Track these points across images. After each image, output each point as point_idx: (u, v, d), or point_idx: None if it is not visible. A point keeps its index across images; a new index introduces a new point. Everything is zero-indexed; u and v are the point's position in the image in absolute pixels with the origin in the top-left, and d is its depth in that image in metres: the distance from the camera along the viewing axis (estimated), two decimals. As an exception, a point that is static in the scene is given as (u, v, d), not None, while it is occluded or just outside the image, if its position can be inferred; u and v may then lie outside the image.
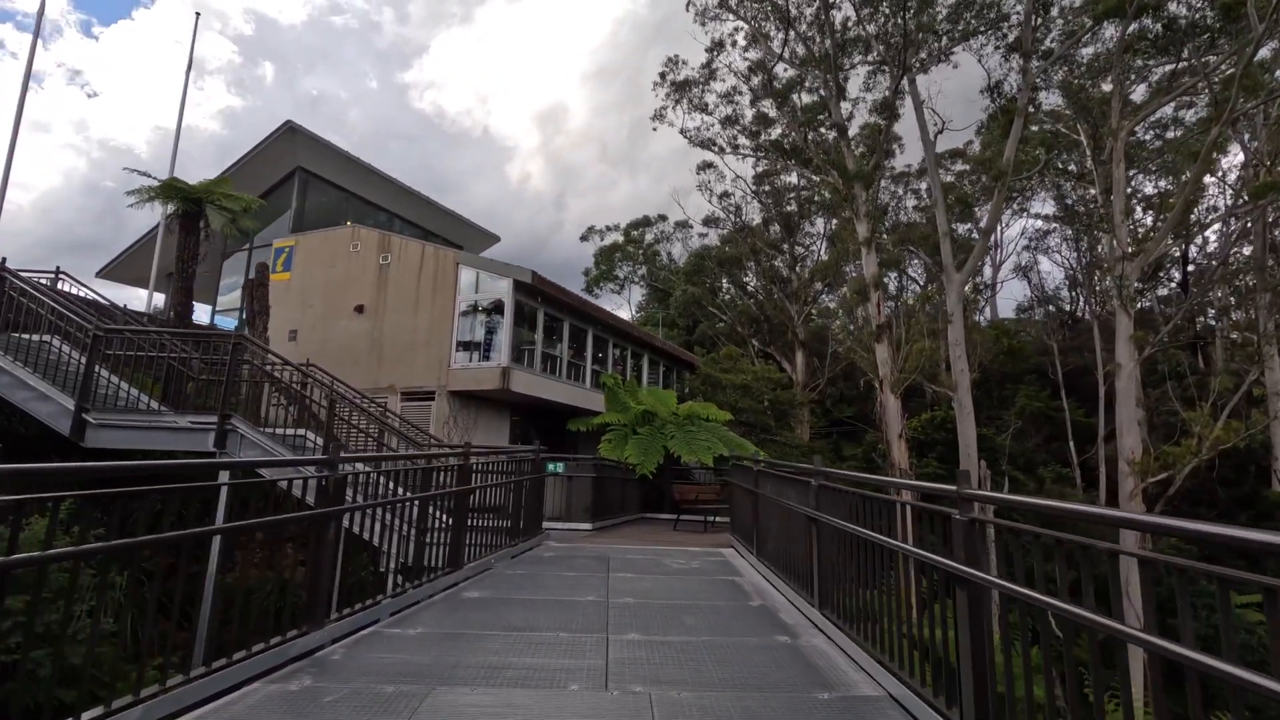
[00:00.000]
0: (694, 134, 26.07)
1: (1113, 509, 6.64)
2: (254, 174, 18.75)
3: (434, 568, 5.81)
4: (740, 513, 8.69)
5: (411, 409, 15.33)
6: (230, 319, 19.54)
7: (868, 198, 21.61)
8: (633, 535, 11.08)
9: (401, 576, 5.62)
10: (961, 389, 21.15)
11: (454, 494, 6.13)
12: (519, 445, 13.76)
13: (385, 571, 5.60)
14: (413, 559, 5.60)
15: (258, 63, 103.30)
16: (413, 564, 5.57)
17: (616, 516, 13.14)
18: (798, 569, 5.75)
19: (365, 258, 16.87)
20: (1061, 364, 32.88)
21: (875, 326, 20.73)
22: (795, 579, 5.80)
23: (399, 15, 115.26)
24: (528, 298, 15.64)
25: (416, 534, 5.65)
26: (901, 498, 4.26)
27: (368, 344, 16.25)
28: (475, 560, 6.52)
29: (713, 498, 13.09)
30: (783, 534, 6.40)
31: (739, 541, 8.60)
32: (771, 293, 35.95)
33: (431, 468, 5.98)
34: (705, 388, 20.37)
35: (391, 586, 5.23)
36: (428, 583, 5.57)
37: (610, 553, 8.26)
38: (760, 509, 7.35)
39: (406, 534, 5.68)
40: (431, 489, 5.86)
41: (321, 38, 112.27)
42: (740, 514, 8.69)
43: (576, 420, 17.07)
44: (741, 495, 8.47)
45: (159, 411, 8.66)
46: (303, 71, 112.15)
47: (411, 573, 5.55)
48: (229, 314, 19.61)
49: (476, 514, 6.68)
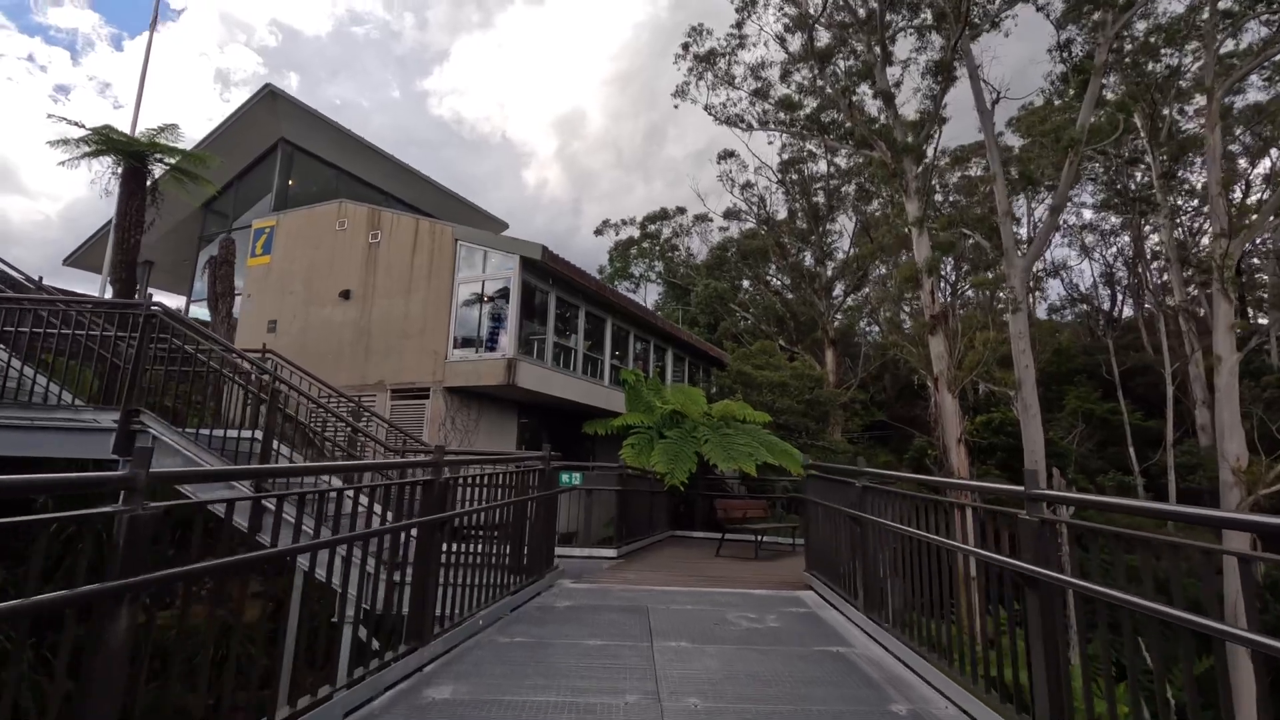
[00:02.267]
0: (719, 110, 23.84)
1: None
2: (232, 146, 16.75)
3: (378, 650, 3.60)
4: (825, 542, 6.40)
5: (403, 409, 13.19)
6: (200, 307, 17.50)
7: (919, 173, 19.27)
8: (668, 564, 8.82)
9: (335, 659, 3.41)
10: (1026, 386, 18.73)
11: (414, 528, 3.92)
12: (525, 451, 11.54)
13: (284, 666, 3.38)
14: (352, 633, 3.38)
15: (283, 73, 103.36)
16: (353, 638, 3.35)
17: (644, 537, 10.89)
18: (963, 649, 3.50)
19: (353, 237, 14.79)
20: (1121, 363, 30.24)
21: (929, 317, 18.35)
22: (950, 661, 3.54)
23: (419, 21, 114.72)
24: (538, 279, 13.46)
25: (356, 594, 3.46)
26: None
27: (354, 334, 14.13)
28: (453, 624, 4.30)
29: (761, 515, 10.81)
30: (920, 583, 4.14)
31: (823, 581, 6.31)
32: (800, 287, 33.60)
33: (375, 487, 3.76)
34: (737, 386, 18.08)
35: (287, 692, 3.01)
36: (369, 674, 3.36)
37: (647, 599, 6.01)
38: (867, 542, 5.07)
39: (341, 592, 3.48)
40: (371, 522, 3.64)
41: (344, 48, 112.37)
42: (825, 544, 6.40)
43: (594, 422, 14.85)
44: (828, 519, 6.18)
45: (54, 405, 6.53)
46: (325, 80, 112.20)
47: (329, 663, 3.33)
48: (206, 304, 17.57)
49: (459, 551, 4.47)
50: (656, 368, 18.17)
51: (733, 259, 36.13)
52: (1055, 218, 18.45)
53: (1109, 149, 26.12)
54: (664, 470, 12.33)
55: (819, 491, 6.48)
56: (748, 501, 10.74)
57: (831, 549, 6.14)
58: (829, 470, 6.35)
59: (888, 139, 18.85)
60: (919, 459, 21.48)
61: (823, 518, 6.35)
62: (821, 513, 6.36)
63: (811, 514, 6.68)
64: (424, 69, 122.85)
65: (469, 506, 4.59)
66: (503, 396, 13.70)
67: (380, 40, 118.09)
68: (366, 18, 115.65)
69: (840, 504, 5.75)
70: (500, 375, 12.29)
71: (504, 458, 6.36)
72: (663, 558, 9.56)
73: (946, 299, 35.47)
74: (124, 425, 6.30)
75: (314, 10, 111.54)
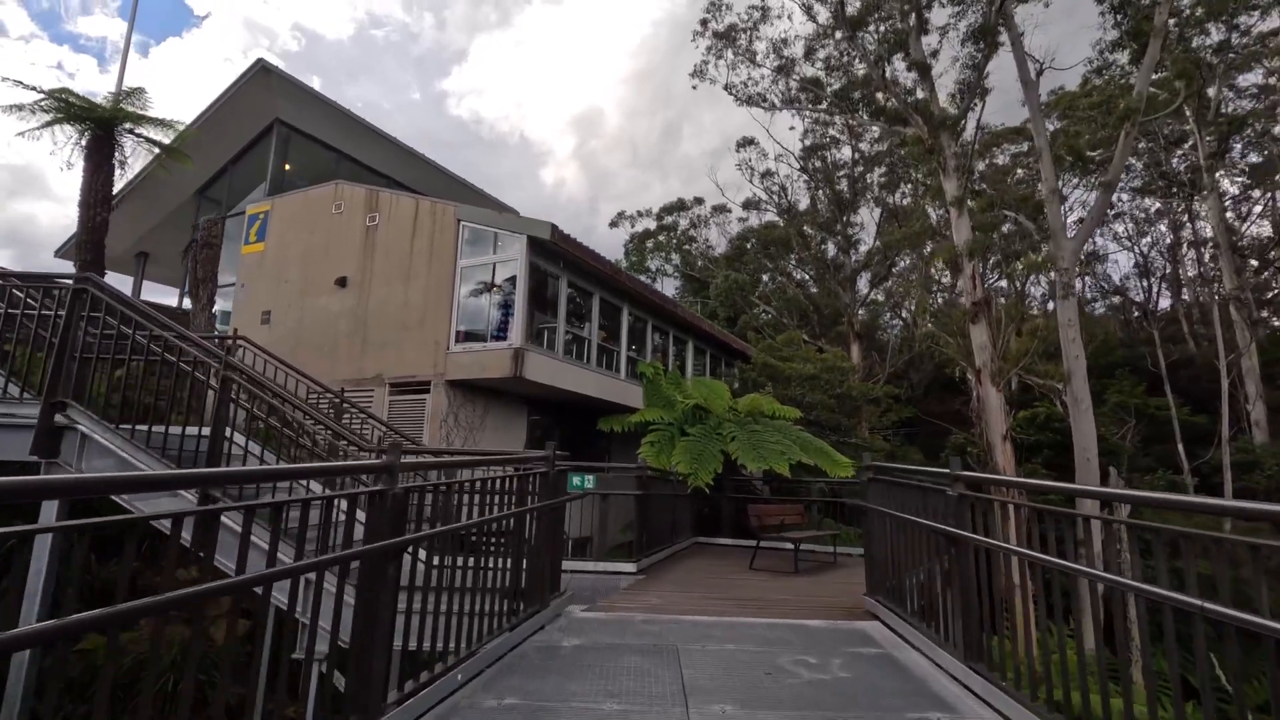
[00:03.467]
0: (739, 89, 22.57)
1: None
2: (225, 127, 15.80)
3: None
4: (895, 563, 5.18)
5: (402, 405, 12.14)
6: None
7: (957, 149, 17.89)
8: (697, 581, 7.64)
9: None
10: (1076, 378, 17.31)
11: (354, 561, 2.78)
12: (527, 450, 10.39)
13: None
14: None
15: (306, 77, 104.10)
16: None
17: (667, 546, 9.71)
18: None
19: (350, 220, 13.75)
20: (1167, 355, 28.51)
21: (970, 304, 16.97)
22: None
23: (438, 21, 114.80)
24: (547, 262, 12.32)
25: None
26: None
27: (351, 325, 13.10)
28: (420, 687, 3.16)
29: (798, 521, 9.58)
30: (1053, 624, 2.93)
31: (893, 610, 5.10)
32: (824, 278, 32.19)
33: (280, 506, 2.61)
34: (763, 380, 16.84)
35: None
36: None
37: (676, 635, 4.84)
38: (969, 569, 3.86)
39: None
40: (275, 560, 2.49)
41: (364, 50, 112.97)
42: (895, 565, 5.18)
43: (609, 419, 13.70)
44: (901, 534, 4.96)
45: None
46: (346, 83, 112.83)
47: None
48: (197, 295, 16.66)
49: (429, 582, 3.35)
50: (676, 362, 16.97)
51: (753, 250, 34.77)
52: (1108, 195, 16.98)
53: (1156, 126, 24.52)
54: (687, 471, 11.16)
55: (887, 498, 5.26)
56: (784, 506, 9.52)
57: (904, 572, 4.93)
58: (903, 473, 5.13)
59: (924, 112, 17.49)
60: (957, 458, 20.08)
61: (892, 532, 5.14)
62: (891, 526, 5.14)
63: (875, 526, 5.46)
64: (443, 69, 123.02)
65: (443, 525, 3.45)
66: (510, 391, 12.60)
67: (400, 42, 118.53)
68: (386, 20, 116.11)
69: (922, 515, 4.53)
70: (506, 367, 11.17)
71: (496, 458, 5.21)
72: (689, 572, 8.38)
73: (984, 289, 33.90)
74: (45, 420, 5.24)
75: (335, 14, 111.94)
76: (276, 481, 4.89)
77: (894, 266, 32.92)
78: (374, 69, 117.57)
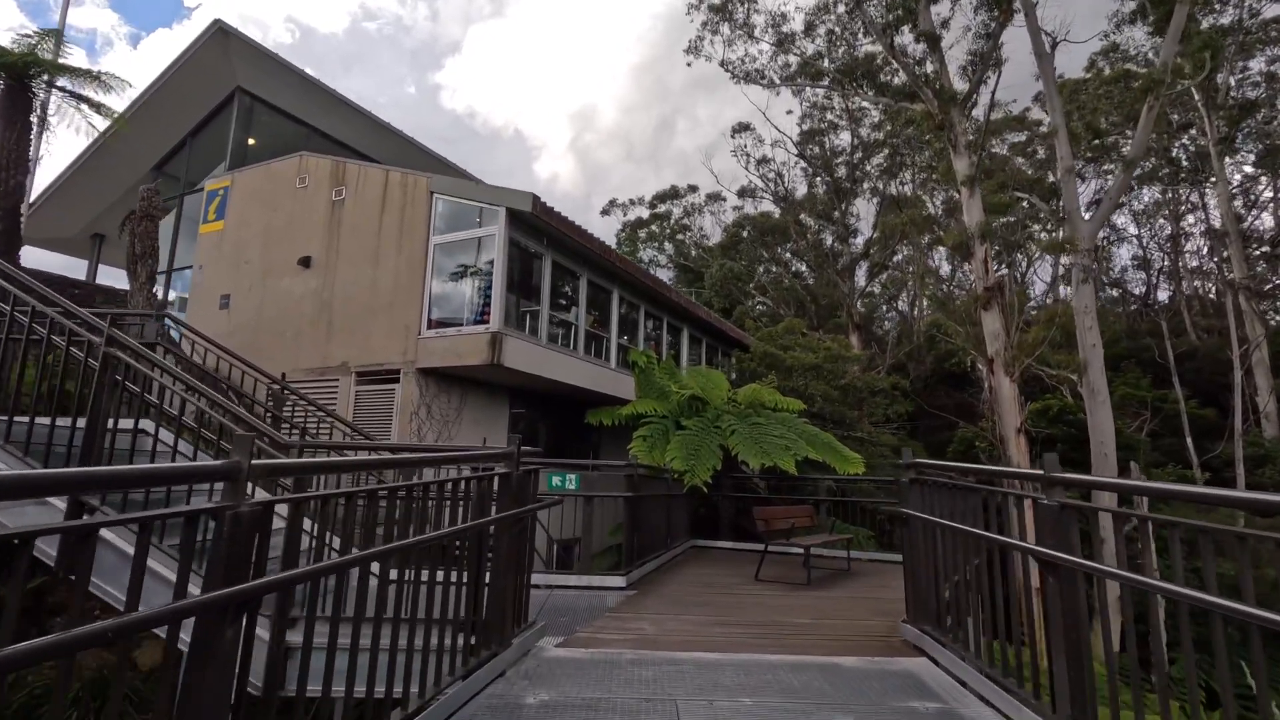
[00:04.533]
0: (736, 66, 21.47)
1: None
2: (183, 95, 14.58)
3: None
4: (941, 583, 4.14)
5: (370, 396, 11.02)
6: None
7: (971, 126, 16.88)
8: (696, 598, 6.59)
9: None
10: (1093, 368, 16.39)
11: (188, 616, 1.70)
12: (486, 447, 9.21)
13: None
14: None
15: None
16: None
17: (660, 552, 8.67)
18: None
19: (315, 195, 12.58)
20: (1173, 347, 27.68)
21: (983, 289, 15.98)
22: None
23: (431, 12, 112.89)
24: (529, 238, 11.23)
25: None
26: None
27: (315, 309, 11.95)
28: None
29: (808, 523, 8.56)
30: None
31: (942, 642, 4.06)
32: (822, 267, 31.18)
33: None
34: (762, 370, 15.81)
35: None
36: None
37: (674, 680, 3.79)
38: (1059, 604, 2.82)
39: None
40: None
41: (359, 44, 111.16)
42: (940, 586, 4.14)
43: (598, 411, 12.64)
44: (958, 550, 3.91)
45: None
46: (341, 76, 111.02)
47: None
48: (154, 279, 15.41)
49: (338, 621, 2.28)
50: (670, 351, 15.90)
51: (749, 239, 33.68)
52: (1129, 174, 16.01)
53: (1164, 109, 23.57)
54: (682, 468, 10.13)
55: (934, 504, 4.21)
56: (793, 508, 8.49)
57: (962, 598, 3.89)
58: (959, 472, 4.08)
59: (934, 86, 16.45)
60: (965, 452, 19.13)
61: (945, 547, 4.09)
62: (943, 540, 4.09)
63: (920, 539, 4.42)
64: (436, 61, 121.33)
65: (337, 557, 2.37)
66: (489, 380, 11.51)
67: (393, 35, 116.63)
68: (379, 13, 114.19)
69: (995, 531, 3.49)
70: (483, 353, 10.07)
71: (443, 456, 4.08)
72: (687, 584, 7.33)
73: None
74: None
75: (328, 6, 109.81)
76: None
77: (894, 256, 31.98)
78: (368, 62, 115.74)
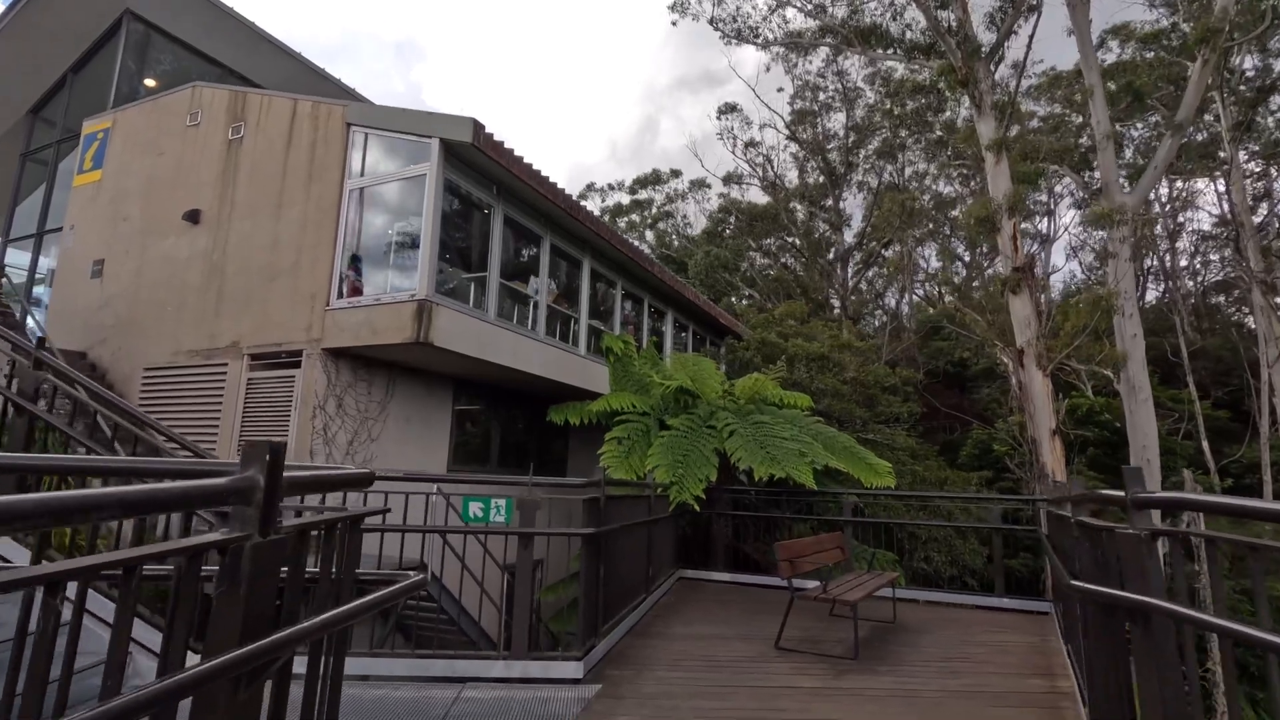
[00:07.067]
0: (726, 23, 19.20)
1: None
2: (59, 21, 11.90)
3: None
4: None
5: (264, 384, 8.49)
6: (22, 250, 12.65)
7: (995, 84, 14.76)
8: (698, 700, 4.24)
9: None
10: (1134, 361, 14.41)
11: None
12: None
13: None
14: None
15: None
16: None
17: (640, 598, 6.30)
18: None
19: (209, 134, 10.01)
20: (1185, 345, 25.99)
21: (1012, 269, 13.84)
22: None
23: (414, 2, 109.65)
24: (471, 183, 8.79)
25: None
26: None
27: (203, 275, 9.39)
28: None
29: (839, 556, 6.24)
30: None
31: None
32: (813, 257, 29.06)
33: None
34: (758, 359, 13.51)
35: None
36: None
37: None
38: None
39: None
40: None
41: (343, 38, 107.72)
42: None
43: (562, 408, 10.22)
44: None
45: None
46: (326, 66, 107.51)
47: None
48: (23, 242, 12.72)
49: None
50: (652, 337, 13.52)
51: (735, 227, 31.44)
52: (1178, 140, 13.98)
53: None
54: (667, 479, 7.79)
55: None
56: (821, 538, 6.16)
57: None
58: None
59: (958, 36, 14.31)
60: (981, 456, 17.00)
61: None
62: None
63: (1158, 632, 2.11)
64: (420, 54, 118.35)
65: None
66: (424, 367, 9.05)
67: (376, 30, 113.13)
68: (364, 6, 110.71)
69: None
70: (406, 329, 7.61)
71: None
72: (679, 662, 4.95)
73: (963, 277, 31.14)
74: None
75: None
76: None
77: (890, 245, 29.99)
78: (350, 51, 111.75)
